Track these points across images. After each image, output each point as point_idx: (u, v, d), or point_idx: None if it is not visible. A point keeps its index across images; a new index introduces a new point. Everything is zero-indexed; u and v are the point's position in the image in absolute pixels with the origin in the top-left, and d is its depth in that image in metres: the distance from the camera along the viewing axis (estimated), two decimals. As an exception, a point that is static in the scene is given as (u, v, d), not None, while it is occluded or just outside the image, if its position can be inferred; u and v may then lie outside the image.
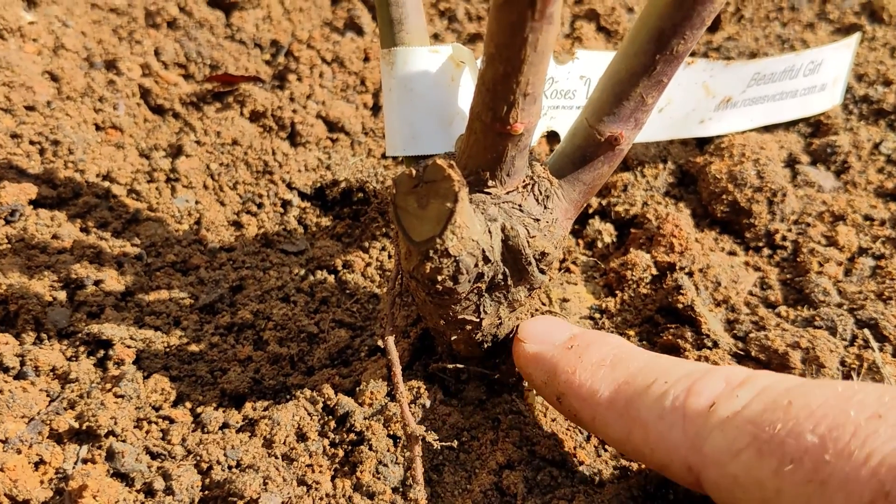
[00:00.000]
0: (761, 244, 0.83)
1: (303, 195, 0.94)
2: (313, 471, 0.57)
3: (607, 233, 0.85)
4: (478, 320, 0.57)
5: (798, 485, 0.40)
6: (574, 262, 0.83)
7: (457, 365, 0.64)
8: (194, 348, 0.72)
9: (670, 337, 0.71)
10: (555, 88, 0.72)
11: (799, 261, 0.79)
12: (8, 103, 0.93)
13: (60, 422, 0.60)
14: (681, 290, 0.73)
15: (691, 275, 0.76)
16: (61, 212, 0.84)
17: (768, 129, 0.94)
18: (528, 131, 0.50)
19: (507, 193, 0.55)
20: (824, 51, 0.92)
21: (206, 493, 0.55)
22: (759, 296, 0.77)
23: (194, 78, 1.09)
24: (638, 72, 0.52)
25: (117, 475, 0.56)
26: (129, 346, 0.69)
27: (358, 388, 0.64)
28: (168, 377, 0.67)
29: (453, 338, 0.60)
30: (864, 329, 0.69)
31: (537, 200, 0.56)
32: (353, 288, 0.80)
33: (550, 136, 0.94)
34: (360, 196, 0.92)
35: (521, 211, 0.55)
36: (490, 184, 0.54)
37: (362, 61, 1.13)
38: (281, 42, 1.16)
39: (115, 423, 0.60)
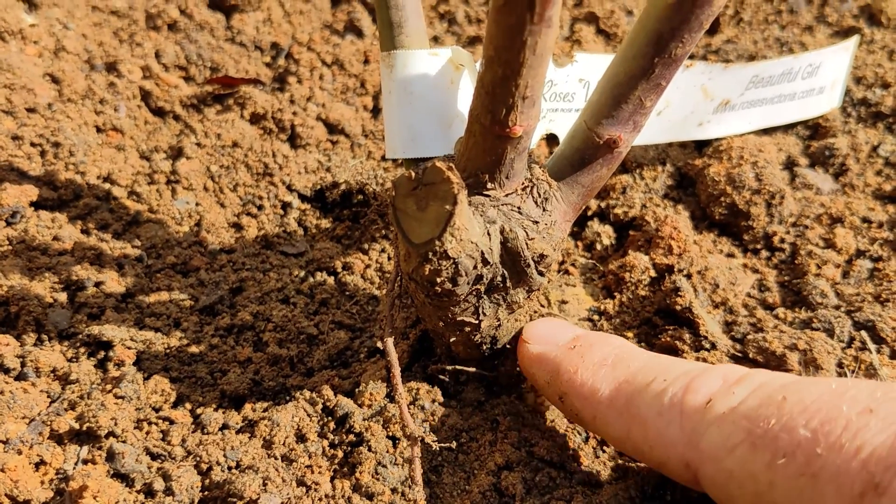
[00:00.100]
0: (759, 246, 0.83)
1: (303, 197, 0.94)
2: (312, 472, 0.57)
3: (606, 235, 0.85)
4: (476, 322, 0.58)
5: (790, 478, 0.40)
6: (573, 264, 0.83)
7: (456, 366, 0.65)
8: (194, 350, 0.72)
9: (668, 339, 0.71)
10: (554, 91, 0.72)
11: (797, 263, 0.79)
12: (9, 105, 0.94)
13: (61, 423, 0.60)
14: (679, 292, 0.73)
15: (689, 277, 0.76)
16: (62, 213, 0.84)
17: (767, 132, 0.94)
18: (527, 134, 0.50)
19: (506, 196, 0.55)
20: (823, 54, 0.92)
21: (206, 493, 0.55)
22: (757, 298, 0.77)
23: (195, 80, 1.09)
24: (636, 75, 0.52)
25: (117, 476, 0.56)
26: (129, 348, 0.69)
27: (357, 389, 0.64)
28: (168, 378, 0.67)
29: (452, 339, 0.60)
30: (862, 331, 0.69)
31: (536, 203, 0.56)
32: (353, 290, 0.80)
33: (549, 139, 0.95)
34: (359, 198, 0.92)
35: (519, 213, 0.55)
36: (489, 186, 0.54)
37: (362, 64, 1.13)
38: (281, 44, 1.16)
39: (116, 423, 0.60)
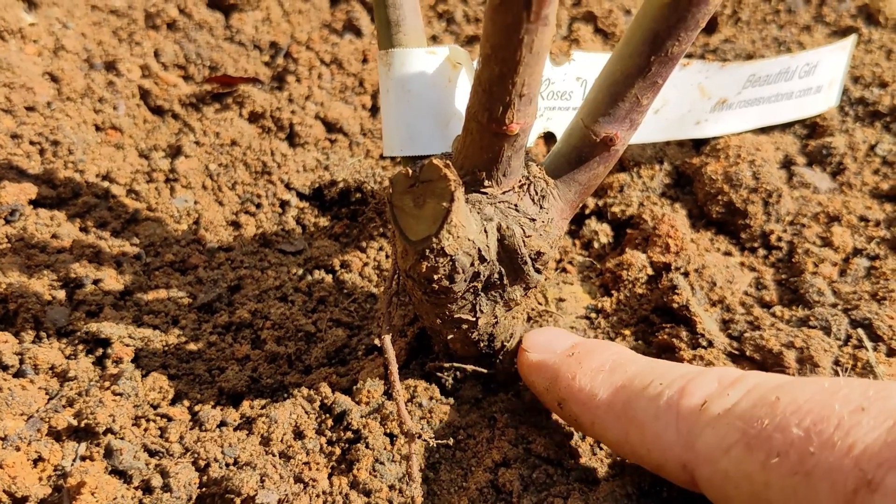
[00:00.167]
0: (757, 245, 0.83)
1: (301, 195, 0.94)
2: (310, 468, 0.57)
3: (604, 233, 0.86)
4: (474, 319, 0.58)
5: (784, 477, 0.40)
6: (570, 262, 0.83)
7: (453, 364, 0.65)
8: (192, 347, 0.72)
9: (666, 336, 0.72)
10: (551, 90, 0.72)
11: (794, 261, 0.80)
12: (8, 104, 0.94)
13: (59, 419, 0.60)
14: (676, 290, 0.73)
15: (687, 275, 0.77)
16: (61, 211, 0.84)
17: (764, 131, 0.95)
18: (524, 132, 0.50)
19: (504, 193, 0.55)
20: (820, 53, 0.92)
21: (204, 490, 0.55)
22: (754, 296, 0.77)
23: (193, 79, 1.09)
24: (633, 73, 0.52)
25: (115, 472, 0.56)
26: (127, 345, 0.69)
27: (355, 386, 0.64)
28: (166, 375, 0.67)
29: (450, 337, 0.60)
30: (859, 329, 0.69)
31: (533, 200, 0.56)
32: (351, 287, 0.80)
33: (547, 138, 0.95)
34: (357, 196, 0.92)
35: (517, 211, 0.55)
36: (486, 184, 0.54)
37: (361, 63, 1.13)
38: (280, 44, 1.16)
39: (114, 420, 0.60)
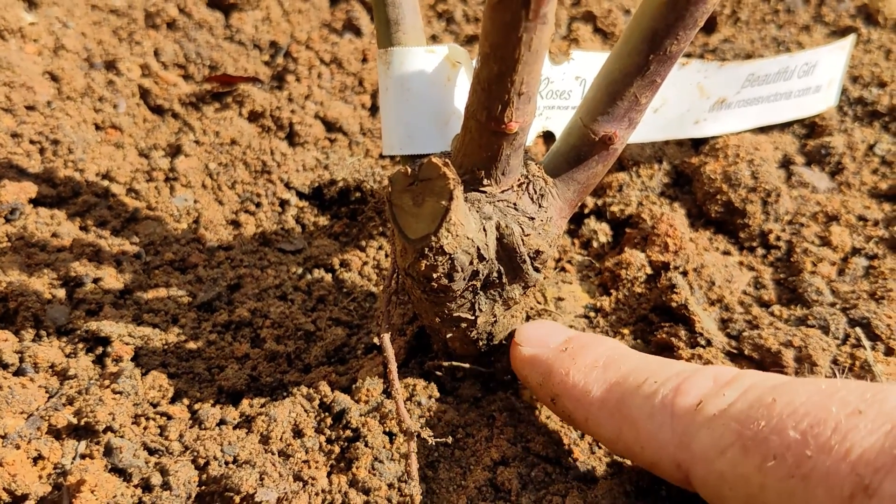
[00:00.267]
0: (755, 244, 0.83)
1: (301, 194, 0.94)
2: (309, 467, 0.57)
3: (602, 232, 0.86)
4: (473, 318, 0.58)
5: (781, 480, 0.40)
6: (569, 261, 0.83)
7: (452, 363, 0.65)
8: (192, 346, 0.72)
9: (664, 335, 0.72)
10: (550, 89, 0.73)
11: (792, 260, 0.80)
12: (8, 103, 0.94)
13: (59, 418, 0.60)
14: (675, 290, 0.74)
15: (685, 274, 0.77)
16: (61, 210, 0.85)
17: (763, 130, 0.95)
18: (523, 130, 0.50)
19: (502, 192, 0.55)
20: (819, 52, 0.92)
21: (203, 488, 0.55)
22: (752, 295, 0.77)
23: (193, 78, 1.10)
24: (632, 72, 0.52)
25: (115, 470, 0.56)
26: (127, 344, 0.69)
27: (354, 385, 0.64)
28: (166, 374, 0.68)
29: (449, 335, 0.61)
30: (857, 328, 0.69)
31: (532, 199, 0.56)
32: (350, 286, 0.80)
33: (546, 137, 0.95)
34: (357, 195, 0.92)
35: (515, 209, 0.55)
36: (485, 182, 0.54)
37: (360, 62, 1.13)
38: (280, 43, 1.16)
39: (114, 419, 0.60)
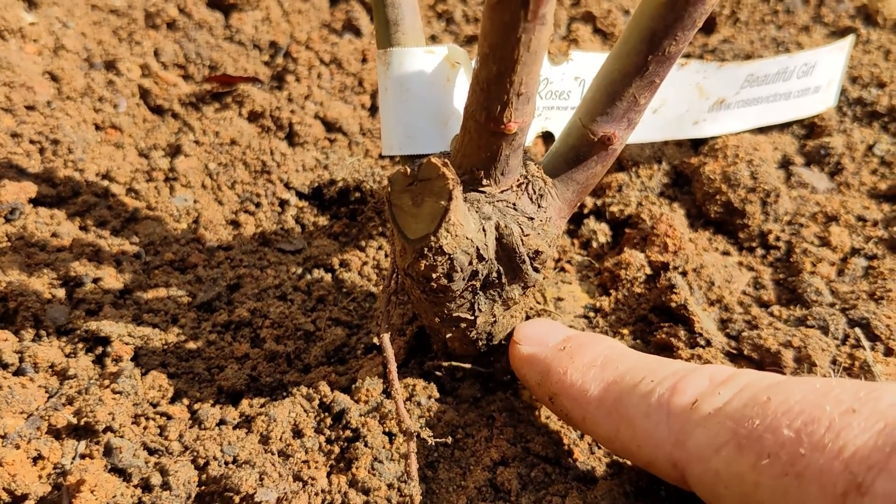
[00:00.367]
0: (755, 244, 0.83)
1: (300, 195, 0.94)
2: (309, 467, 0.57)
3: (602, 233, 0.86)
4: (472, 318, 0.58)
5: (775, 478, 0.40)
6: (569, 261, 0.83)
7: (452, 363, 0.65)
8: (192, 346, 0.72)
9: (664, 336, 0.72)
10: (549, 89, 0.73)
11: (792, 261, 0.80)
12: (8, 103, 0.94)
13: (59, 417, 0.60)
14: (674, 290, 0.74)
15: (685, 274, 0.77)
16: (61, 210, 0.85)
17: (762, 131, 0.95)
18: (522, 130, 0.51)
19: (502, 192, 0.55)
20: (818, 53, 0.92)
21: (203, 488, 0.55)
22: (752, 295, 0.77)
23: (193, 78, 1.10)
24: (630, 72, 0.52)
25: (115, 470, 0.57)
26: (127, 343, 0.69)
27: (354, 385, 0.64)
28: (166, 374, 0.68)
29: (448, 336, 0.61)
30: (856, 328, 0.69)
31: (531, 199, 0.56)
32: (350, 286, 0.80)
33: (545, 137, 0.95)
34: (357, 196, 0.92)
35: (515, 209, 0.55)
36: (484, 182, 0.54)
37: (360, 62, 1.13)
38: (279, 43, 1.16)
39: (113, 419, 0.60)
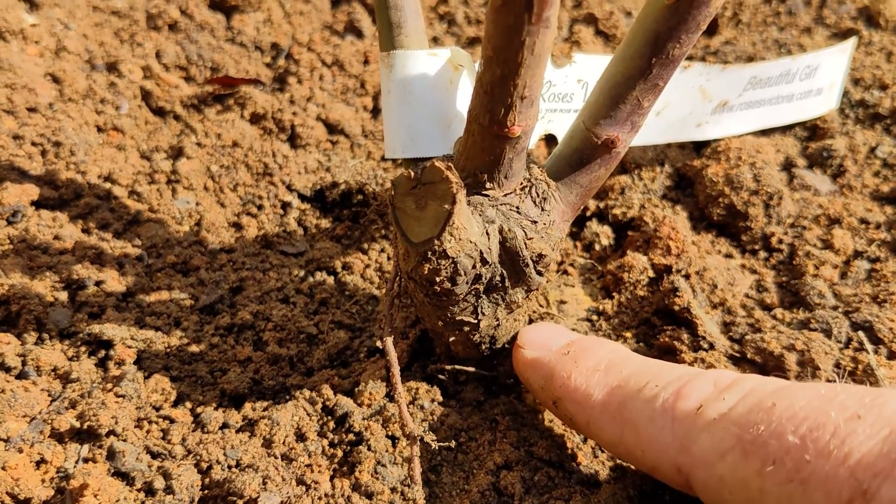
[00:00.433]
0: (757, 247, 0.83)
1: (302, 197, 0.94)
2: (312, 471, 0.57)
3: (605, 235, 0.86)
4: (475, 321, 0.58)
5: (780, 484, 0.40)
6: (572, 264, 0.83)
7: (455, 366, 0.65)
8: (194, 349, 0.72)
9: (667, 339, 0.72)
10: (552, 92, 0.73)
11: (795, 264, 0.80)
12: (10, 105, 0.94)
13: (62, 421, 0.60)
14: (677, 293, 0.73)
15: (688, 277, 0.77)
16: (63, 213, 0.85)
17: (765, 133, 0.95)
18: (526, 134, 0.50)
19: (505, 195, 0.55)
20: (820, 55, 0.92)
21: (206, 492, 0.55)
22: (755, 298, 0.77)
23: (195, 80, 1.10)
24: (634, 75, 0.52)
25: (118, 474, 0.57)
26: (129, 347, 0.69)
27: (357, 388, 0.64)
28: (168, 377, 0.68)
29: (451, 339, 0.61)
30: (859, 331, 0.69)
31: (535, 202, 0.56)
32: (353, 289, 0.80)
33: (548, 140, 0.95)
34: (359, 198, 0.92)
35: (518, 213, 0.55)
36: (488, 186, 0.54)
37: (362, 64, 1.13)
38: (281, 45, 1.16)
39: (116, 422, 0.60)
